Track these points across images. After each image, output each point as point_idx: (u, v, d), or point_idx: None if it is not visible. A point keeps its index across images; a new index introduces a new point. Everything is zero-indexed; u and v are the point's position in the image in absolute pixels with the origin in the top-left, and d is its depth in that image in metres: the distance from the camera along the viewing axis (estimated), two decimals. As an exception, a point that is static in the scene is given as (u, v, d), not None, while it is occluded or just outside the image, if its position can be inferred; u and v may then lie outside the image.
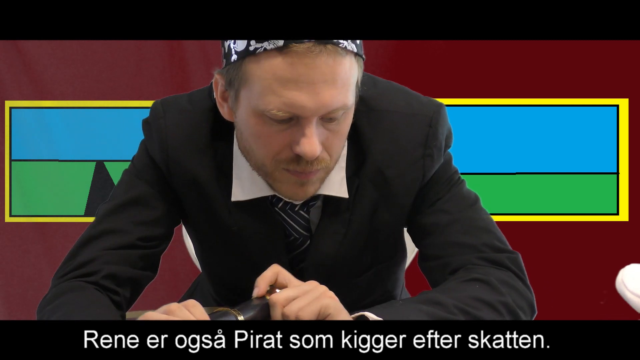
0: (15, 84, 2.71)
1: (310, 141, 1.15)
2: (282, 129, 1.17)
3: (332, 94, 1.14)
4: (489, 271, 1.24)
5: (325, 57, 1.12)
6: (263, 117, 1.17)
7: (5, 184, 2.74)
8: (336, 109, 1.15)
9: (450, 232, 1.28)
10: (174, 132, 1.31)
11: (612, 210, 2.67)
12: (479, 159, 2.66)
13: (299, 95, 1.13)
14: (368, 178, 1.29)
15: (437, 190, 1.32)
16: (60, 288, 1.27)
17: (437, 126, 1.30)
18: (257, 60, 1.14)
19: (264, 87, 1.14)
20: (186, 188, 1.32)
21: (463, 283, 1.22)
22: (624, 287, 1.23)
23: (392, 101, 1.31)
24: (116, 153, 2.70)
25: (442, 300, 1.16)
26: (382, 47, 2.56)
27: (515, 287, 1.24)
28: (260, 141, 1.20)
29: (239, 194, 1.29)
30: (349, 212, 1.30)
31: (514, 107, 2.68)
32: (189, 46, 2.68)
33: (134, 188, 1.33)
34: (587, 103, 2.66)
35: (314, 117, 1.15)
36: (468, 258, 1.26)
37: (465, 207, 1.31)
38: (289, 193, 1.24)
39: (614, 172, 2.67)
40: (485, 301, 1.19)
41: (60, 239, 2.72)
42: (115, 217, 1.32)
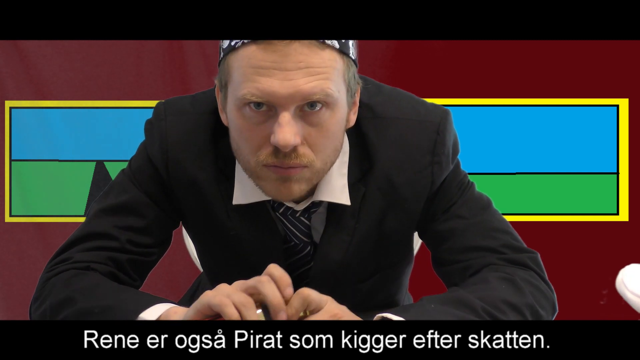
0: (15, 84, 2.71)
1: (284, 129, 1.14)
2: (261, 122, 1.17)
3: (308, 80, 1.13)
4: (513, 271, 1.24)
5: (298, 45, 1.13)
6: (243, 110, 1.17)
7: (5, 184, 2.74)
8: (312, 94, 1.14)
9: (468, 237, 1.28)
10: (174, 133, 1.31)
11: (612, 210, 2.67)
12: (479, 158, 2.66)
13: (271, 81, 1.13)
14: (376, 186, 1.29)
15: (449, 197, 1.31)
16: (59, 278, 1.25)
17: (444, 133, 1.29)
18: (236, 52, 1.16)
19: (241, 75, 1.15)
20: (185, 190, 1.31)
21: (491, 281, 1.21)
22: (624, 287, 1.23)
23: (398, 108, 1.30)
24: (116, 153, 2.70)
25: (471, 302, 1.15)
26: (382, 47, 2.56)
27: (538, 287, 1.25)
28: (242, 136, 1.20)
29: (240, 198, 1.29)
30: (355, 220, 1.30)
31: (514, 107, 2.68)
32: (189, 46, 2.68)
33: (126, 192, 1.33)
34: (587, 103, 2.66)
35: (289, 106, 1.14)
36: (489, 260, 1.26)
37: (479, 211, 1.31)
38: (272, 192, 1.22)
39: (614, 172, 2.67)
40: (513, 304, 1.18)
41: (60, 239, 2.69)
42: (104, 220, 1.31)
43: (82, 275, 1.24)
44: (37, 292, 1.26)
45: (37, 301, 1.24)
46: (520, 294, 1.21)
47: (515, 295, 1.20)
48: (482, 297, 1.16)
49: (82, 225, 1.33)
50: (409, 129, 1.28)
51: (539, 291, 1.24)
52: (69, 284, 1.23)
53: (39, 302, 1.23)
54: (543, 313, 1.22)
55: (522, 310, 1.19)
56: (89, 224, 1.32)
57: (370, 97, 1.30)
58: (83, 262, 1.28)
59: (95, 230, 1.30)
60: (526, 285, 1.22)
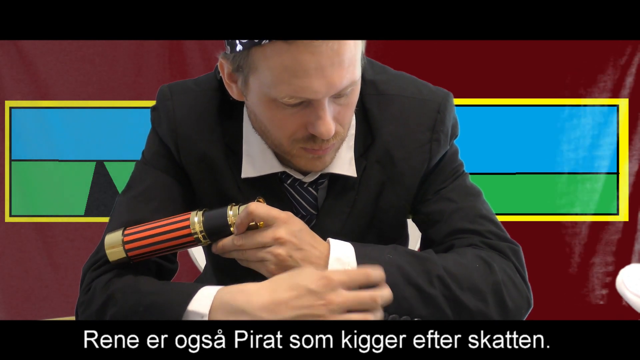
0: (15, 84, 2.71)
1: (325, 122, 1.18)
2: (295, 112, 1.19)
3: (341, 75, 1.16)
4: (492, 256, 1.26)
5: (329, 42, 1.14)
6: (275, 103, 1.19)
7: (5, 184, 2.74)
8: (346, 88, 1.18)
9: (455, 220, 1.31)
10: (181, 111, 1.33)
11: (612, 210, 2.67)
12: (478, 159, 2.66)
13: (309, 82, 1.15)
14: (375, 159, 1.32)
15: (442, 179, 1.34)
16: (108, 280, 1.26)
17: (445, 112, 1.33)
18: (263, 51, 1.16)
19: (275, 77, 1.17)
20: (195, 165, 1.33)
21: (468, 256, 1.24)
22: (624, 287, 1.23)
23: (401, 86, 1.34)
24: (116, 153, 2.70)
25: (430, 267, 1.20)
26: (382, 47, 2.56)
27: (512, 278, 1.25)
28: (274, 124, 1.22)
29: (250, 171, 1.31)
30: (355, 192, 1.32)
31: (514, 107, 2.68)
32: (189, 46, 2.68)
33: (147, 178, 1.35)
34: (587, 103, 2.66)
35: (325, 99, 1.17)
36: (473, 241, 1.29)
37: (469, 197, 1.34)
38: (308, 166, 1.27)
39: (614, 172, 2.67)
40: (476, 287, 1.20)
41: (60, 239, 2.72)
42: (134, 208, 1.32)
43: (121, 276, 1.25)
44: (81, 295, 1.27)
45: (81, 306, 1.26)
46: (490, 276, 1.22)
47: (484, 277, 1.22)
48: (446, 267, 1.20)
49: (115, 217, 1.34)
50: (411, 106, 1.32)
51: (511, 282, 1.25)
52: (108, 285, 1.24)
53: (83, 308, 1.25)
54: (510, 304, 1.23)
55: (484, 295, 1.21)
56: (120, 217, 1.33)
57: (375, 75, 1.33)
58: None
59: (128, 220, 1.30)
60: (500, 272, 1.24)
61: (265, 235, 1.17)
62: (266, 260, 1.17)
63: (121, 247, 1.20)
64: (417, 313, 1.16)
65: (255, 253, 1.18)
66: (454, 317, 1.18)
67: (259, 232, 1.18)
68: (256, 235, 1.18)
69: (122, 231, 1.21)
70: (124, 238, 1.20)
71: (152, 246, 1.20)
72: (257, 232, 1.18)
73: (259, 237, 1.17)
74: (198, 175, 1.34)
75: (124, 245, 1.20)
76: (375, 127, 1.31)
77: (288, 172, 1.30)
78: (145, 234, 1.20)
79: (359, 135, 1.31)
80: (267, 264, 1.17)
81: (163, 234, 1.20)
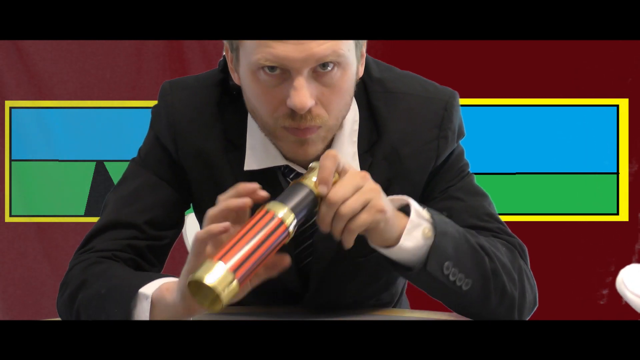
0: (15, 84, 2.71)
1: (299, 93, 1.17)
2: (275, 84, 1.20)
3: (320, 43, 1.16)
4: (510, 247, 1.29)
5: None
6: (258, 73, 1.20)
7: (5, 184, 2.74)
8: (325, 56, 1.17)
9: (464, 217, 1.31)
10: (180, 107, 1.34)
11: (612, 210, 2.67)
12: (479, 159, 2.66)
13: (285, 46, 1.16)
14: (382, 156, 1.32)
15: (449, 178, 1.35)
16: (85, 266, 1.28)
17: (452, 110, 1.34)
18: None
19: (256, 42, 1.18)
20: (193, 162, 1.34)
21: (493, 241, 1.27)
22: (624, 287, 1.23)
23: (408, 85, 1.35)
24: (116, 153, 2.71)
25: (479, 239, 1.24)
26: (382, 47, 2.56)
27: (526, 272, 1.29)
28: (258, 99, 1.23)
29: (252, 164, 1.31)
30: None
31: (514, 107, 2.68)
32: (189, 46, 2.68)
33: (138, 178, 1.36)
34: (587, 103, 2.66)
35: (303, 69, 1.17)
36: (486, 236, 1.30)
37: (476, 196, 1.35)
38: (290, 152, 1.26)
39: (614, 172, 2.67)
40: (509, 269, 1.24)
41: (60, 239, 2.72)
42: (121, 209, 1.33)
43: (99, 263, 1.28)
44: (63, 278, 1.30)
45: (62, 288, 1.29)
46: (515, 261, 1.27)
47: (512, 260, 1.26)
48: (481, 243, 1.24)
49: (102, 217, 1.36)
50: (418, 104, 1.33)
51: (526, 275, 1.28)
52: (85, 270, 1.27)
53: (63, 289, 1.28)
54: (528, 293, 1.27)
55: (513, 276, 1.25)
56: (108, 215, 1.35)
57: (382, 72, 1.34)
58: (104, 251, 1.31)
59: (113, 220, 1.33)
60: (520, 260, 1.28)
61: (356, 174, 1.14)
62: (371, 199, 1.13)
63: (235, 283, 1.05)
64: (471, 275, 1.20)
65: (358, 198, 1.12)
66: (494, 293, 1.22)
67: (347, 178, 1.13)
68: (346, 180, 1.13)
69: (227, 269, 1.04)
70: (235, 274, 1.04)
71: (255, 262, 1.07)
72: (344, 179, 1.13)
73: (350, 179, 1.13)
74: (195, 171, 1.34)
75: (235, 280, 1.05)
76: (382, 124, 1.32)
77: (291, 167, 1.30)
78: (244, 255, 1.06)
79: (364, 131, 1.32)
80: (374, 200, 1.13)
81: (257, 241, 1.07)
